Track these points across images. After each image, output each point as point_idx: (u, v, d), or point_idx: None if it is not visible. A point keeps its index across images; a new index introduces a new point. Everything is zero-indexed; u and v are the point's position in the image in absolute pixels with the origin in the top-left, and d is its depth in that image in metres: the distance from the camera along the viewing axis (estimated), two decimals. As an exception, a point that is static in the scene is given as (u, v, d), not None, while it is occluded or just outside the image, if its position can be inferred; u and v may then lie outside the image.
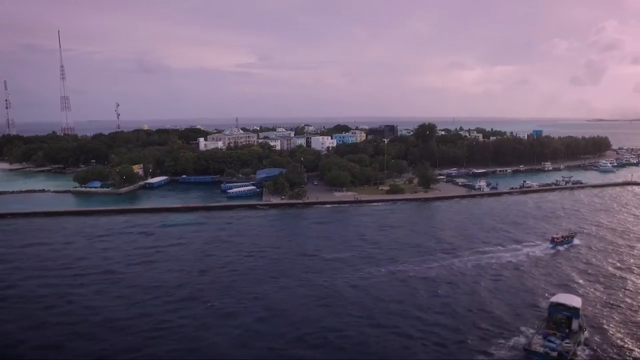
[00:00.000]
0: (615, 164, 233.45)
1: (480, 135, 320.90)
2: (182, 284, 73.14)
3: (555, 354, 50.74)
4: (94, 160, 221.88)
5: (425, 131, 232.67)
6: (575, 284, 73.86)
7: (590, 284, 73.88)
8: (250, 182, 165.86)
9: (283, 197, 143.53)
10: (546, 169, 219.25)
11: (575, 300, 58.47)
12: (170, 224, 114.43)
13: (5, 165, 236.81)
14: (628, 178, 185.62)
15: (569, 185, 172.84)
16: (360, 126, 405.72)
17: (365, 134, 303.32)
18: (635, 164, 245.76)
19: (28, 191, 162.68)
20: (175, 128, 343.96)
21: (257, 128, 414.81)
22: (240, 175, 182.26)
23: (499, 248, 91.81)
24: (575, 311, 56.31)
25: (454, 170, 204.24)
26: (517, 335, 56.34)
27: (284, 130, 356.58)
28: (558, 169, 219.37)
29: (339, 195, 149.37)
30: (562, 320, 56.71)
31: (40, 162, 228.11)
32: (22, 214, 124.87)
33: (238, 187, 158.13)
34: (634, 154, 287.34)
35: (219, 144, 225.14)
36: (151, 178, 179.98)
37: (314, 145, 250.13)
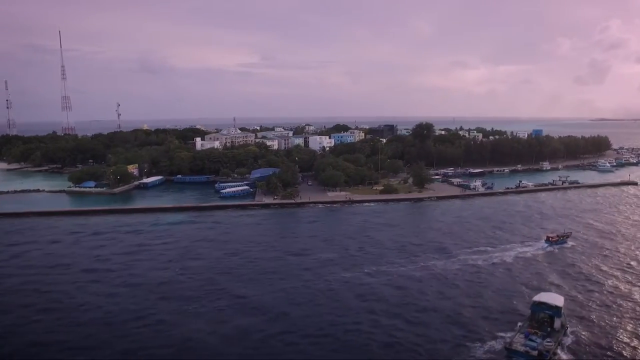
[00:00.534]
0: (615, 164, 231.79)
1: (480, 135, 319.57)
2: (163, 282, 73.32)
3: (536, 352, 50.66)
4: (91, 160, 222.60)
5: (422, 131, 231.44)
6: (563, 283, 73.44)
7: (579, 283, 73.51)
8: (244, 182, 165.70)
9: (276, 197, 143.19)
10: (544, 168, 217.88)
11: (557, 299, 58.39)
12: (160, 223, 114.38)
13: (3, 165, 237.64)
14: (626, 178, 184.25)
15: (565, 185, 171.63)
16: (361, 126, 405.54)
17: (364, 134, 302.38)
18: (635, 164, 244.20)
19: (23, 191, 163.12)
20: (174, 128, 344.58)
21: (257, 128, 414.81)
22: (235, 175, 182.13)
23: (487, 249, 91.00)
24: (557, 310, 56.31)
25: (450, 170, 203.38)
26: (501, 334, 55.99)
27: (283, 130, 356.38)
28: (556, 169, 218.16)
29: (332, 195, 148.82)
30: (545, 319, 56.81)
31: (38, 162, 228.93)
32: (15, 214, 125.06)
33: (231, 187, 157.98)
34: (634, 154, 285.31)
35: (216, 144, 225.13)
36: (146, 178, 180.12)
37: (311, 145, 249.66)
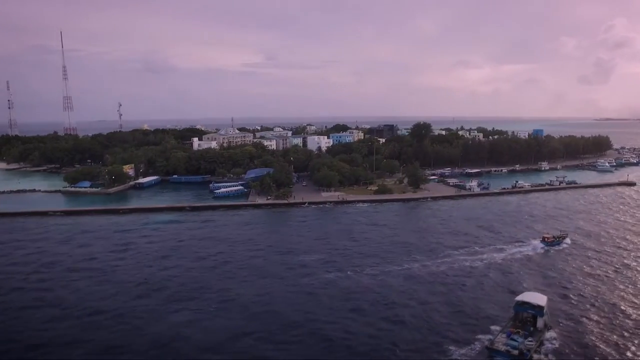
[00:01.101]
0: (614, 164, 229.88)
1: (481, 135, 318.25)
2: (142, 282, 73.67)
3: (517, 352, 50.62)
4: (89, 160, 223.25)
5: (420, 131, 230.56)
6: (554, 284, 73.25)
7: (570, 284, 73.26)
8: (238, 182, 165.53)
9: (269, 198, 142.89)
10: (543, 168, 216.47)
11: (540, 299, 58.34)
12: (150, 223, 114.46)
13: (3, 165, 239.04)
14: (625, 178, 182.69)
15: (562, 185, 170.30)
16: (362, 126, 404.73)
17: (363, 134, 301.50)
18: (636, 164, 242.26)
19: (19, 191, 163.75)
20: (174, 128, 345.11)
21: (258, 128, 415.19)
22: (230, 175, 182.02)
23: (476, 249, 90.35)
24: (539, 309, 56.35)
25: (447, 170, 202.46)
26: (484, 334, 55.84)
27: (282, 129, 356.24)
28: (555, 169, 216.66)
29: (325, 195, 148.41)
30: (528, 318, 56.86)
31: (36, 162, 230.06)
32: (7, 214, 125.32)
33: (225, 187, 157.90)
34: (635, 154, 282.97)
35: (213, 144, 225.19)
36: (142, 178, 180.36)
37: (309, 145, 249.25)
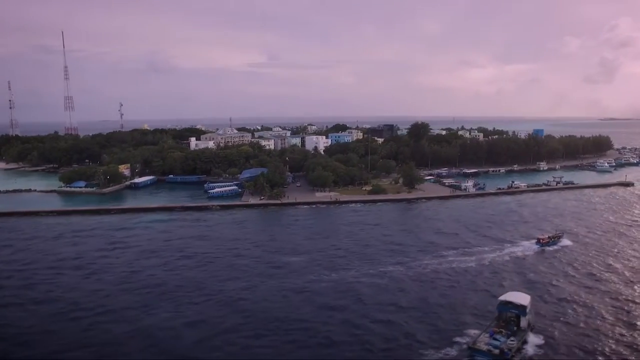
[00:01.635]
0: (614, 164, 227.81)
1: (481, 135, 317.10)
2: (124, 281, 73.82)
3: (498, 351, 50.61)
4: (88, 160, 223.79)
5: (418, 130, 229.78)
6: (545, 284, 72.93)
7: (561, 284, 72.87)
8: (233, 182, 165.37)
9: (262, 198, 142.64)
10: (541, 169, 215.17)
11: (523, 299, 58.17)
12: (141, 224, 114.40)
13: (2, 165, 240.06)
14: (623, 178, 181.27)
15: (559, 186, 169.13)
16: (363, 126, 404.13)
17: (362, 134, 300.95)
18: (636, 164, 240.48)
19: (15, 191, 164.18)
20: (173, 128, 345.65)
21: (259, 127, 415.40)
22: (225, 175, 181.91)
23: (465, 250, 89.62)
24: (522, 309, 56.30)
25: (444, 170, 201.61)
26: (469, 334, 55.76)
27: (280, 129, 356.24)
28: (554, 169, 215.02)
29: (319, 195, 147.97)
30: (511, 318, 56.79)
31: (35, 162, 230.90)
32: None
33: (219, 187, 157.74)
34: (635, 154, 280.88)
35: (210, 144, 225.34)
36: (138, 178, 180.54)
37: (308, 145, 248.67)
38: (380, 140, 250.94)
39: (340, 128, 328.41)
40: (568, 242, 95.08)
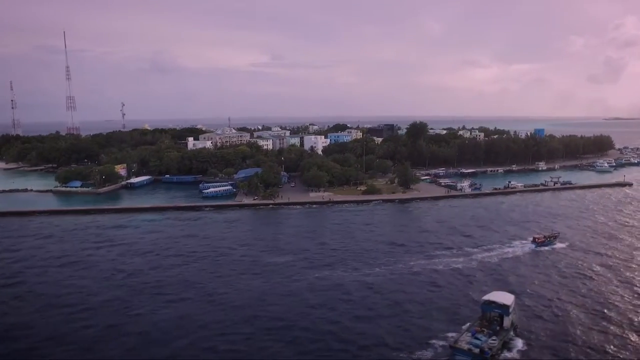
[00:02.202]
0: (614, 164, 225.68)
1: (482, 134, 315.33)
2: (105, 281, 73.70)
3: (478, 350, 50.60)
4: (87, 160, 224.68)
5: (416, 130, 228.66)
6: (535, 284, 72.54)
7: (552, 285, 72.38)
8: (228, 182, 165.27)
9: (256, 198, 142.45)
10: (540, 169, 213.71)
11: (506, 298, 58.02)
12: (132, 223, 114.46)
13: (1, 165, 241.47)
14: (621, 179, 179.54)
15: (557, 186, 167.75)
16: (364, 125, 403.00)
17: (361, 133, 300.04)
18: (636, 164, 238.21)
19: (11, 190, 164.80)
20: (173, 128, 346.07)
21: (260, 127, 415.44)
22: (221, 175, 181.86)
23: (453, 251, 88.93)
24: (505, 308, 56.20)
25: (441, 170, 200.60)
26: (450, 334, 55.72)
27: (279, 129, 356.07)
28: (553, 169, 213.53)
29: (313, 195, 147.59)
30: (495, 317, 56.77)
31: (34, 162, 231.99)
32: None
33: (214, 187, 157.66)
34: (637, 154, 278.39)
35: (208, 144, 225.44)
36: (135, 178, 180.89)
37: (306, 144, 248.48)
38: (380, 140, 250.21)
39: (340, 128, 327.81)
40: (562, 244, 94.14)
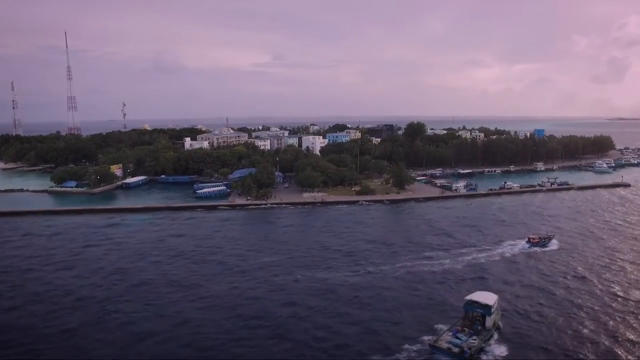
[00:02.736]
0: (613, 165, 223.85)
1: (482, 135, 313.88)
2: (79, 287, 72.98)
3: (457, 350, 50.66)
4: (84, 160, 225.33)
5: (414, 130, 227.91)
6: (526, 285, 72.25)
7: (543, 285, 71.93)
8: (222, 183, 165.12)
9: (249, 198, 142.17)
10: (538, 169, 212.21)
11: (489, 298, 57.96)
12: (122, 223, 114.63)
13: (0, 165, 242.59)
14: (619, 180, 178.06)
15: (554, 187, 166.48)
16: (365, 125, 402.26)
17: (360, 134, 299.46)
18: (636, 165, 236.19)
19: (7, 190, 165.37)
20: (172, 128, 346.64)
21: (260, 127, 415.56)
22: (216, 175, 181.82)
23: (439, 253, 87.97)
24: (487, 308, 56.23)
25: (438, 171, 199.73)
26: (432, 333, 55.71)
27: (278, 129, 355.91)
28: (551, 170, 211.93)
29: (306, 196, 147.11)
30: (477, 317, 56.84)
31: (33, 162, 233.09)
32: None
33: (208, 188, 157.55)
34: (637, 154, 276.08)
35: (205, 144, 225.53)
36: (130, 178, 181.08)
37: (304, 145, 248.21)
38: (379, 140, 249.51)
39: (340, 128, 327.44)
40: (557, 245, 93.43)
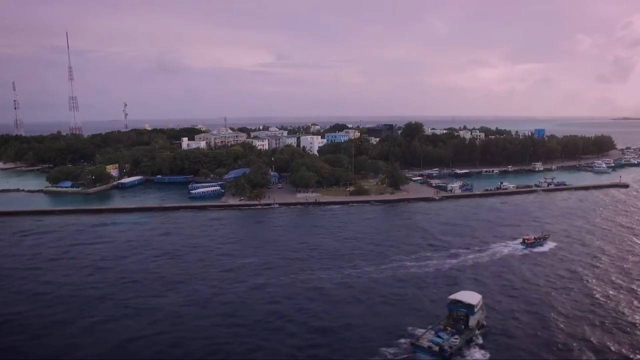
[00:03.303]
0: (612, 165, 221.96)
1: (483, 135, 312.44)
2: (63, 283, 73.49)
3: (437, 348, 50.80)
4: (83, 160, 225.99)
5: (411, 130, 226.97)
6: (519, 285, 72.20)
7: (534, 286, 71.79)
8: (217, 183, 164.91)
9: (242, 199, 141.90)
10: (537, 169, 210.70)
11: (472, 298, 58.07)
12: (111, 223, 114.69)
13: (0, 165, 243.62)
14: (618, 180, 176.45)
15: (550, 187, 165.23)
16: (366, 125, 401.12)
17: (359, 134, 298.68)
18: (636, 165, 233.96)
19: (3, 190, 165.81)
20: (172, 128, 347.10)
21: (261, 127, 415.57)
22: (212, 175, 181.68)
23: (430, 254, 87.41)
24: (470, 308, 56.35)
25: (435, 171, 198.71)
26: (416, 333, 55.74)
27: (277, 129, 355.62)
28: (550, 170, 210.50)
29: (300, 196, 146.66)
30: (461, 317, 57.04)
31: (31, 162, 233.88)
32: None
33: (202, 188, 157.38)
34: (638, 154, 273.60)
35: (202, 144, 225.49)
36: (126, 178, 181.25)
37: (303, 145, 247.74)
38: (372, 140, 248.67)
39: (339, 128, 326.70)
40: (552, 245, 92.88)
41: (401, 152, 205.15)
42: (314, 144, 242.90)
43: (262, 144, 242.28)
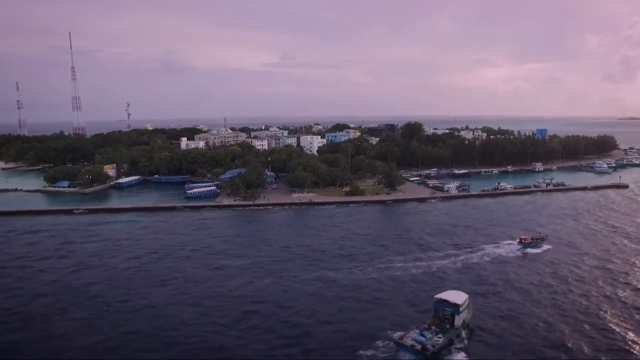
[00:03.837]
0: (614, 165, 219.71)
1: (484, 135, 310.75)
2: (45, 287, 72.96)
3: (420, 347, 50.90)
4: (83, 160, 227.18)
5: (411, 130, 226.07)
6: (512, 285, 72.18)
7: (526, 287, 71.57)
8: (213, 183, 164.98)
9: (237, 199, 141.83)
10: (537, 169, 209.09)
11: (458, 297, 58.08)
12: (105, 223, 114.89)
13: (1, 164, 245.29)
14: (618, 180, 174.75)
15: (549, 187, 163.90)
16: (369, 125, 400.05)
17: (360, 133, 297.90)
18: (638, 165, 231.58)
19: (1, 190, 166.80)
20: (174, 128, 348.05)
21: (262, 127, 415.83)
22: (209, 175, 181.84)
23: (421, 255, 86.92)
24: (456, 307, 56.43)
25: (433, 171, 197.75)
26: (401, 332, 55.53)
27: (277, 129, 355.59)
28: (550, 170, 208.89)
29: (295, 196, 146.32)
30: (446, 316, 57.11)
31: (32, 161, 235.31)
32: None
33: (198, 188, 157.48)
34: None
35: (201, 144, 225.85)
36: (124, 178, 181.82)
37: (302, 144, 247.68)
38: (371, 140, 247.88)
39: (340, 127, 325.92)
40: (549, 246, 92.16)
41: (400, 152, 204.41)
42: (314, 144, 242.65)
43: (262, 144, 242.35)
